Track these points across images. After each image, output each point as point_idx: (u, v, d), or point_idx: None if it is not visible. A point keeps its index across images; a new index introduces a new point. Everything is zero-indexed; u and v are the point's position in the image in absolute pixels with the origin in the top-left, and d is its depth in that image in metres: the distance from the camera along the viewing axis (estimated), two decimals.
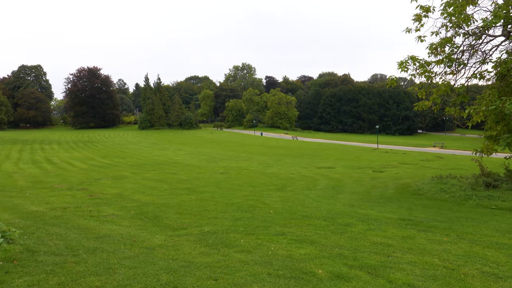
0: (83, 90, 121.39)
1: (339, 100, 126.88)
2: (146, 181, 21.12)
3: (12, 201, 13.21)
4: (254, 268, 6.08)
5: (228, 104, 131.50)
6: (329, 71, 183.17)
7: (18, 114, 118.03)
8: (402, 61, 15.06)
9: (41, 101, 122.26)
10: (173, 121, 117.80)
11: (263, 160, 37.51)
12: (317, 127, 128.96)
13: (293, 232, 8.76)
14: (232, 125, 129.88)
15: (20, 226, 8.57)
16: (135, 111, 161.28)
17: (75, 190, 17.03)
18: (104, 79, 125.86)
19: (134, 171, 27.05)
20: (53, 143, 59.70)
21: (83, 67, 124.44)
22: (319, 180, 22.77)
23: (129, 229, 9.01)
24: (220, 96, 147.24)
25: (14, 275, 5.44)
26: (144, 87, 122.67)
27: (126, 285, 5.28)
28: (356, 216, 11.04)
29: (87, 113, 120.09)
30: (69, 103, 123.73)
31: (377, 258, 6.77)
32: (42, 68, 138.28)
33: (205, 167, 30.66)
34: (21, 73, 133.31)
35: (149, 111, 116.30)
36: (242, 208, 12.16)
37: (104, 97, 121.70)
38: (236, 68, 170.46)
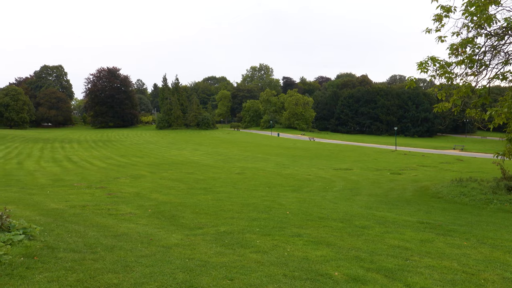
0: (103, 90, 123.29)
1: (357, 101, 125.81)
2: (163, 181, 21.30)
3: (33, 199, 13.49)
4: (270, 269, 6.07)
5: (245, 105, 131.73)
6: (347, 72, 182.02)
7: (39, 113, 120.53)
8: (421, 62, 14.84)
9: (62, 100, 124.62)
10: (191, 121, 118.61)
11: (280, 161, 37.45)
12: (334, 128, 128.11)
13: (309, 234, 8.72)
14: (249, 126, 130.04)
15: (41, 223, 8.74)
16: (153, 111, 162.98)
17: (94, 188, 17.29)
18: (123, 79, 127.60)
19: (152, 170, 27.32)
20: (73, 142, 60.76)
21: (103, 67, 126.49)
22: (336, 182, 22.62)
23: (146, 228, 9.10)
24: (237, 96, 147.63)
25: (34, 271, 5.55)
26: (162, 88, 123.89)
27: (143, 283, 5.33)
28: (373, 219, 10.92)
29: (106, 112, 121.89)
30: (89, 103, 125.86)
31: (394, 261, 6.68)
32: (63, 68, 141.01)
33: (221, 167, 30.77)
34: (43, 73, 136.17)
35: (167, 111, 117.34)
36: (258, 209, 12.15)
37: (123, 97, 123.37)
38: (254, 69, 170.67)
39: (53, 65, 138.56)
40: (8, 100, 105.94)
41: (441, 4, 14.64)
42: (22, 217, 8.82)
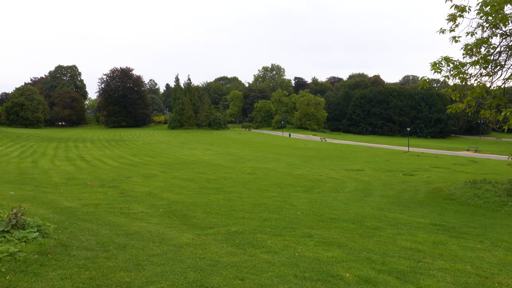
0: (116, 90, 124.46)
1: (369, 101, 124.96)
2: (175, 180, 21.42)
3: (47, 197, 13.67)
4: (281, 269, 6.07)
5: (257, 105, 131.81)
6: (359, 72, 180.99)
7: (54, 112, 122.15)
8: (435, 62, 14.68)
9: (76, 100, 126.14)
10: (202, 121, 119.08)
11: (291, 162, 37.39)
12: (346, 129, 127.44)
13: (321, 235, 8.69)
14: (261, 126, 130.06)
15: (55, 221, 8.86)
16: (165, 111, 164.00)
17: (107, 187, 17.46)
18: (136, 79, 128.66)
19: (164, 170, 27.50)
20: (86, 141, 61.43)
21: (116, 68, 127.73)
22: (348, 183, 22.50)
23: (158, 227, 9.16)
24: (248, 96, 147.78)
25: (48, 268, 5.63)
26: (174, 88, 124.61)
27: (154, 281, 5.37)
28: (385, 220, 10.84)
29: (119, 112, 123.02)
30: (102, 103, 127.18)
31: (406, 263, 6.63)
32: (77, 68, 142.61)
33: (233, 167, 30.83)
34: (57, 73, 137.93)
35: (179, 111, 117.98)
36: (269, 209, 12.15)
37: (135, 97, 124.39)
38: (265, 69, 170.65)
39: (67, 65, 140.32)
40: (23, 99, 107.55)
41: (455, 4, 14.47)
42: (36, 215, 8.95)
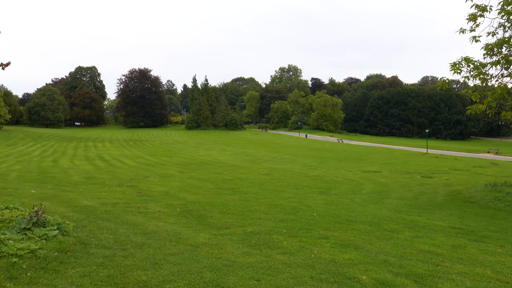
0: (134, 91, 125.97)
1: (387, 102, 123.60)
2: (191, 180, 21.56)
3: (67, 196, 13.92)
4: (297, 270, 6.05)
5: (273, 106, 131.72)
6: (377, 73, 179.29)
7: (74, 113, 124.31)
8: (455, 63, 14.44)
9: (95, 100, 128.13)
10: (219, 121, 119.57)
11: (307, 163, 37.25)
12: (363, 130, 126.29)
13: (337, 236, 8.64)
14: (277, 127, 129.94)
15: (74, 219, 9.01)
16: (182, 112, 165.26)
17: (125, 186, 17.68)
18: (154, 80, 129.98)
19: (180, 170, 27.71)
20: (105, 141, 62.33)
21: (135, 69, 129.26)
22: (365, 184, 22.30)
23: (175, 226, 9.24)
24: (265, 97, 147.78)
25: (67, 266, 5.73)
26: (191, 88, 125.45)
27: (171, 280, 5.42)
28: (402, 223, 10.71)
29: (137, 112, 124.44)
30: (120, 103, 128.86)
31: (424, 266, 6.53)
32: (97, 69, 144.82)
33: (249, 168, 30.88)
34: (77, 74, 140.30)
35: (196, 112, 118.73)
36: (286, 210, 12.13)
37: (153, 98, 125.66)
38: (282, 70, 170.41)
39: (87, 66, 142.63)
40: (44, 100, 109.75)
41: (476, 3, 14.22)
42: (56, 213, 9.12)
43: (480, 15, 14.29)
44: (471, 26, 14.49)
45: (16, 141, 55.50)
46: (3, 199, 11.21)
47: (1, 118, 71.87)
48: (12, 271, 5.29)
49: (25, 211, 8.83)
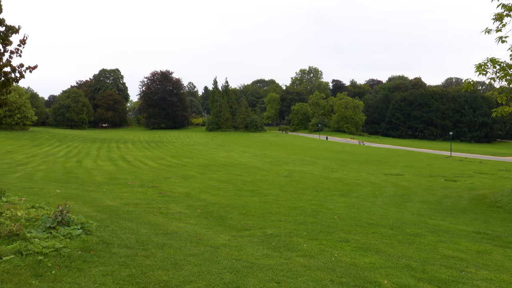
0: (156, 93, 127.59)
1: (409, 104, 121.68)
2: (212, 182, 21.69)
3: (91, 195, 14.19)
4: (317, 273, 6.01)
5: (294, 108, 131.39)
6: (399, 75, 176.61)
7: (97, 114, 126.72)
8: (480, 64, 14.14)
9: (118, 102, 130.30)
10: (239, 123, 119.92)
11: (328, 165, 36.99)
12: (385, 133, 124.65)
13: (358, 240, 8.55)
14: (297, 129, 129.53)
15: (97, 219, 9.18)
16: (203, 113, 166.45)
17: (146, 187, 17.91)
18: (176, 82, 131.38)
19: (201, 171, 27.90)
20: (127, 142, 63.31)
21: (157, 71, 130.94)
22: (386, 187, 22.00)
23: (195, 227, 9.31)
24: (286, 99, 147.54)
25: (90, 264, 5.84)
26: (212, 90, 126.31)
27: (191, 281, 5.46)
28: (425, 227, 10.51)
29: (159, 114, 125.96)
30: (143, 105, 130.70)
31: (448, 272, 6.40)
32: (120, 72, 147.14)
33: (269, 169, 30.86)
34: (101, 77, 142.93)
35: (216, 114, 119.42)
36: (306, 213, 12.07)
37: (174, 100, 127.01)
38: (303, 72, 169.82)
39: (111, 68, 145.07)
40: (69, 101, 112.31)
41: (502, 3, 13.89)
42: (80, 213, 9.31)
43: (507, 14, 13.96)
44: (497, 26, 14.16)
45: (42, 142, 56.94)
46: (30, 198, 11.51)
47: (28, 120, 73.88)
48: (37, 269, 5.42)
49: (50, 210, 9.05)
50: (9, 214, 8.32)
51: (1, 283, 4.88)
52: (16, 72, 7.45)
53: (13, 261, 5.53)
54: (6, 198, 10.36)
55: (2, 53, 7.29)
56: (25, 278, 5.10)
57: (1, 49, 7.27)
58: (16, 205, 9.47)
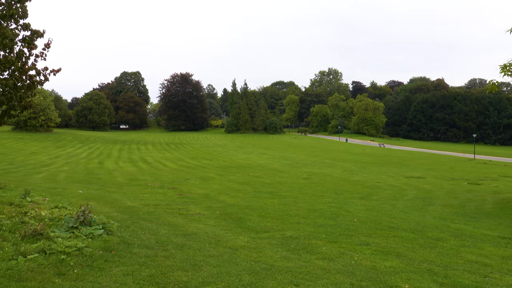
0: (176, 95, 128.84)
1: (431, 106, 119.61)
2: (231, 183, 21.75)
3: (112, 196, 14.41)
4: (336, 277, 5.96)
5: (313, 110, 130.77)
6: (421, 76, 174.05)
7: (119, 116, 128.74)
8: (505, 64, 13.81)
9: (138, 104, 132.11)
10: (258, 125, 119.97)
11: (348, 167, 36.66)
12: (406, 135, 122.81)
13: (378, 243, 8.44)
14: (317, 131, 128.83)
15: (118, 219, 9.31)
16: (222, 115, 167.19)
17: (166, 188, 18.09)
18: (195, 84, 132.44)
19: (220, 173, 28.02)
20: (148, 144, 64.09)
21: (176, 73, 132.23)
22: (407, 190, 21.66)
23: (214, 229, 9.34)
24: (305, 101, 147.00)
25: (111, 264, 5.93)
26: (231, 92, 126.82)
27: (210, 282, 5.48)
28: (448, 231, 10.31)
29: (178, 116, 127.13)
30: (163, 107, 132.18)
31: (471, 277, 6.25)
32: (141, 74, 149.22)
33: (288, 171, 30.77)
34: (122, 79, 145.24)
35: (235, 115, 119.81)
36: (325, 215, 11.99)
37: (194, 102, 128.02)
38: (322, 73, 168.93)
39: (132, 71, 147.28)
40: (91, 104, 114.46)
41: None
42: (101, 213, 9.47)
43: None
44: None
45: (65, 143, 58.15)
46: (53, 198, 11.76)
47: (52, 122, 75.55)
48: (60, 268, 5.53)
49: (73, 210, 9.23)
50: (33, 213, 8.52)
51: (26, 281, 5.00)
52: (40, 75, 7.64)
53: (37, 260, 5.66)
54: (31, 198, 10.62)
55: (28, 56, 7.48)
56: (48, 276, 5.20)
57: (27, 53, 7.46)
58: (40, 205, 9.69)
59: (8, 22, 7.26)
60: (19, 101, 7.58)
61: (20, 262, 5.51)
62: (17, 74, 7.39)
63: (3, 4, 7.14)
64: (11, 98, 7.36)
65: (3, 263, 5.42)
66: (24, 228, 6.88)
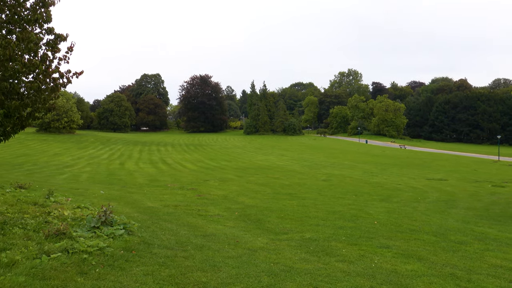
0: (195, 97, 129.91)
1: (454, 107, 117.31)
2: (249, 185, 21.77)
3: (132, 197, 14.61)
4: (356, 279, 5.89)
5: (332, 111, 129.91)
6: (443, 76, 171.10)
7: (139, 118, 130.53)
8: None
9: (158, 106, 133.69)
10: (277, 127, 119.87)
11: (368, 169, 36.26)
12: (427, 136, 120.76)
13: (399, 246, 8.31)
14: (336, 132, 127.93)
15: (138, 219, 9.42)
16: (241, 117, 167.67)
17: (186, 189, 18.23)
18: (214, 86, 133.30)
19: (239, 174, 28.08)
20: (167, 145, 64.74)
21: (196, 75, 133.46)
22: (429, 193, 21.28)
23: (233, 230, 9.36)
24: (324, 102, 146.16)
25: (132, 264, 6.00)
26: (250, 94, 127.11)
27: (229, 283, 5.49)
28: (471, 234, 10.08)
29: (198, 118, 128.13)
30: (182, 109, 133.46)
31: (496, 282, 6.10)
32: (160, 76, 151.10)
33: (307, 173, 30.62)
34: (143, 81, 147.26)
35: (254, 117, 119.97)
36: (345, 217, 11.88)
37: (213, 103, 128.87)
38: (342, 74, 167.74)
39: (152, 73, 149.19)
40: (112, 106, 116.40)
41: None
42: (122, 213, 9.60)
43: None
44: None
45: (87, 144, 59.24)
46: (75, 198, 11.99)
47: (74, 123, 77.13)
48: (82, 267, 5.62)
49: (95, 210, 9.39)
50: (56, 213, 8.70)
51: (49, 280, 5.10)
52: (64, 78, 7.80)
53: (60, 259, 5.77)
54: (54, 198, 10.86)
55: (51, 60, 7.65)
56: (71, 275, 5.30)
57: (50, 56, 7.63)
58: (63, 205, 9.90)
59: (33, 26, 7.44)
60: (43, 104, 7.75)
61: (44, 260, 5.63)
62: (41, 77, 7.56)
63: (28, 9, 7.33)
64: (35, 101, 7.53)
65: (28, 262, 5.55)
66: (48, 228, 7.04)
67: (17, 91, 7.21)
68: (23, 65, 7.01)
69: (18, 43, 6.94)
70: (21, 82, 7.41)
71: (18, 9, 7.17)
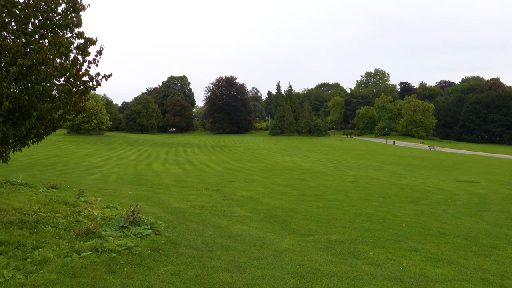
0: (221, 98, 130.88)
1: (485, 107, 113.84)
2: (275, 186, 21.73)
3: (159, 197, 14.82)
4: (384, 283, 5.79)
5: (359, 111, 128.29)
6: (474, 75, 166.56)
7: (166, 119, 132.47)
8: None
9: (185, 108, 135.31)
10: (303, 128, 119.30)
11: (395, 170, 35.61)
12: (458, 137, 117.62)
13: (428, 249, 8.12)
14: (363, 133, 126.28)
15: (165, 220, 9.55)
16: (266, 118, 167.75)
17: (211, 190, 18.36)
18: (240, 87, 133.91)
19: (264, 175, 28.08)
20: (193, 147, 65.40)
21: (221, 77, 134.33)
22: (460, 195, 20.71)
23: (259, 231, 9.36)
24: (350, 103, 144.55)
25: (159, 263, 6.09)
26: (275, 95, 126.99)
27: (255, 284, 5.49)
28: (504, 238, 9.74)
29: (223, 119, 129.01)
30: (208, 110, 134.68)
31: None
32: (187, 78, 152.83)
33: (333, 174, 30.33)
34: (169, 83, 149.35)
35: (279, 118, 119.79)
36: (372, 219, 11.70)
37: (239, 105, 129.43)
38: (368, 74, 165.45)
39: (178, 75, 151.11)
40: (140, 108, 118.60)
41: None
42: (150, 214, 9.75)
43: None
44: None
45: (116, 145, 60.52)
46: (104, 198, 12.26)
47: (103, 125, 78.92)
48: (111, 265, 5.74)
49: (123, 210, 9.57)
50: (86, 213, 8.92)
51: (80, 277, 5.23)
52: (93, 81, 7.99)
53: (90, 257, 5.91)
54: (84, 198, 11.13)
55: (81, 63, 7.86)
56: (100, 273, 5.42)
57: (81, 59, 7.84)
58: (93, 204, 10.14)
59: (64, 31, 7.66)
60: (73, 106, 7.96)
61: (74, 259, 5.78)
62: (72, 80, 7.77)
63: (60, 14, 7.55)
64: (66, 103, 7.75)
65: (59, 260, 5.71)
66: (78, 227, 7.22)
67: (49, 94, 7.43)
68: (55, 69, 7.23)
69: (50, 47, 7.16)
70: (53, 85, 7.64)
71: (50, 14, 7.40)
